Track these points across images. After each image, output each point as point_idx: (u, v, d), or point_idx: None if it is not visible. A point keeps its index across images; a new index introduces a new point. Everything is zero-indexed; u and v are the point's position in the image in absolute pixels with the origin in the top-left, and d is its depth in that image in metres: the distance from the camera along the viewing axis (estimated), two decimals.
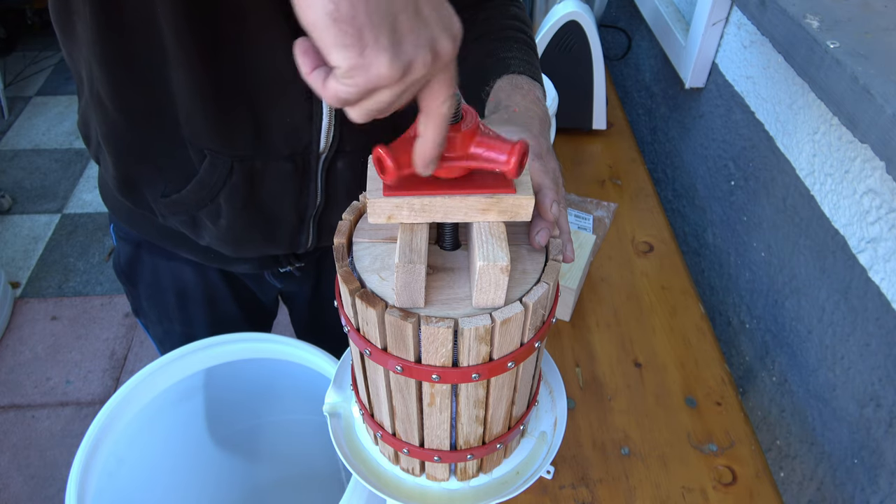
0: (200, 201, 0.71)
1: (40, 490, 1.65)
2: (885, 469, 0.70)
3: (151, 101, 0.64)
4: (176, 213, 0.73)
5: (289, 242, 0.79)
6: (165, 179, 0.71)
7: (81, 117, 0.73)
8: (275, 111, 0.64)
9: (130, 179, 0.72)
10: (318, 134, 0.67)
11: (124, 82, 0.63)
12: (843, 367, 0.76)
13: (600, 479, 0.77)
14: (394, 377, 0.44)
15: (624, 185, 1.20)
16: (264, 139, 0.66)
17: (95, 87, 0.64)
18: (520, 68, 0.64)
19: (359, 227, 0.46)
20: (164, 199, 0.72)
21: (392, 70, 0.33)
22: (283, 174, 0.70)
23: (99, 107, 0.66)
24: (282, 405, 0.98)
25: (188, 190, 0.70)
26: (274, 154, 0.68)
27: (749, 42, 0.97)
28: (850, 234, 0.74)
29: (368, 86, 0.34)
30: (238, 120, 0.64)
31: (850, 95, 0.63)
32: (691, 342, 0.93)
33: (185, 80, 0.60)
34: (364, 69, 0.33)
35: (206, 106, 0.62)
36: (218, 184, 0.69)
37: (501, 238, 0.41)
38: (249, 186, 0.70)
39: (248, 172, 0.68)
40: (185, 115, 0.64)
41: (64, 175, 2.62)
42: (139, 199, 0.74)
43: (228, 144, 0.66)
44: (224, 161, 0.67)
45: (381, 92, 0.35)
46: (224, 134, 0.65)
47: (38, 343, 2.00)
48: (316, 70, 0.35)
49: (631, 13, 1.54)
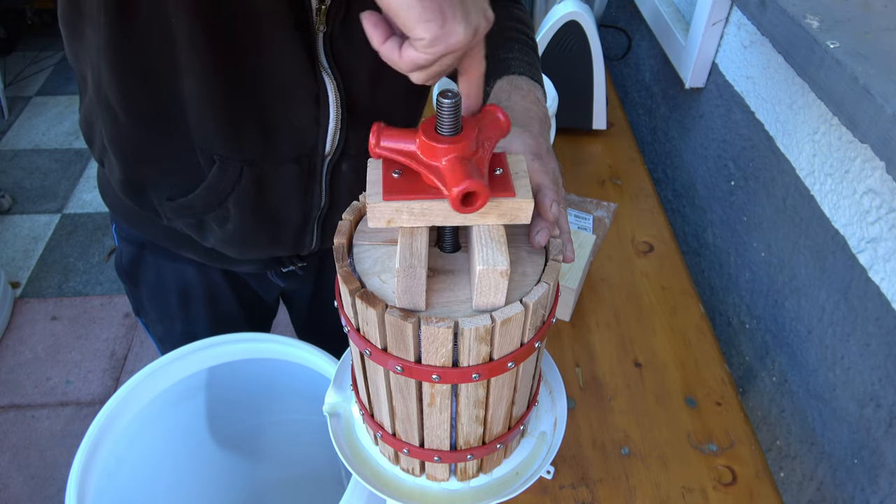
0: (209, 205, 0.71)
1: (40, 490, 1.65)
2: (885, 469, 0.70)
3: (161, 106, 0.64)
4: (182, 217, 0.73)
5: (293, 244, 0.79)
6: (172, 183, 0.71)
7: (84, 118, 0.73)
8: (283, 114, 0.64)
9: (136, 182, 0.72)
10: (325, 136, 0.67)
11: (134, 87, 0.63)
12: (843, 367, 0.76)
13: (600, 479, 0.77)
14: (394, 377, 0.44)
15: (624, 185, 1.20)
16: (272, 143, 0.66)
17: (103, 90, 0.64)
18: (520, 69, 0.64)
19: (359, 230, 0.46)
20: (170, 203, 0.72)
21: (467, 36, 0.39)
22: (290, 177, 0.70)
23: (106, 109, 0.66)
24: (282, 405, 0.98)
25: (196, 194, 0.70)
26: (281, 157, 0.68)
27: (749, 42, 0.97)
28: (850, 234, 0.74)
29: (447, 51, 0.39)
30: (248, 124, 0.64)
31: (850, 95, 0.63)
32: (691, 342, 0.93)
33: (198, 89, 0.60)
34: (445, 38, 0.38)
35: (218, 113, 0.62)
36: (227, 188, 0.69)
37: (501, 242, 0.41)
38: (258, 190, 0.70)
39: (257, 176, 0.68)
40: (196, 122, 0.64)
41: (64, 175, 2.62)
42: (144, 201, 0.74)
43: (238, 149, 0.66)
44: (234, 166, 0.67)
45: (449, 56, 0.40)
46: (235, 139, 0.65)
47: (38, 343, 2.00)
48: (389, 40, 0.40)
49: (631, 13, 1.54)
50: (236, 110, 0.63)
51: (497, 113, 0.44)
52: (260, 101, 0.63)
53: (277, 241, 0.78)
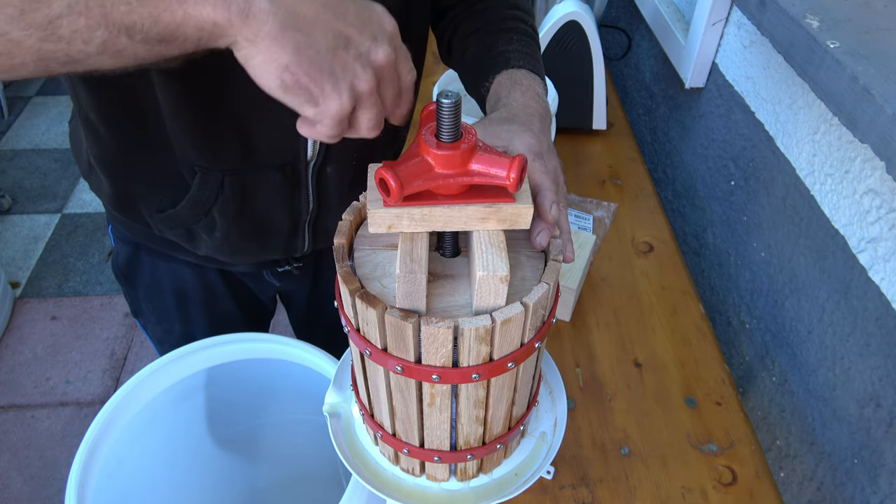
0: (195, 216, 0.71)
1: (40, 490, 1.65)
2: (885, 469, 0.70)
3: (139, 119, 0.64)
4: (172, 227, 0.74)
5: (285, 248, 0.79)
6: (160, 195, 0.71)
7: (72, 137, 0.73)
8: (261, 125, 0.64)
9: (126, 196, 0.73)
10: (305, 143, 0.67)
11: (110, 102, 0.63)
12: (843, 367, 0.76)
13: (600, 479, 0.77)
14: (394, 377, 0.44)
15: (624, 185, 1.20)
16: (252, 152, 0.66)
17: (84, 110, 0.65)
18: (520, 62, 0.63)
19: (359, 235, 0.47)
20: (159, 215, 0.72)
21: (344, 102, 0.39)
22: (274, 184, 0.70)
23: (89, 129, 0.66)
24: (282, 405, 0.98)
25: (182, 205, 0.70)
26: (263, 166, 0.68)
27: (749, 42, 0.97)
28: (850, 234, 0.74)
29: (338, 120, 0.40)
30: (225, 135, 0.64)
31: (850, 95, 0.63)
32: (691, 342, 0.93)
33: (169, 100, 0.60)
34: (325, 113, 0.39)
35: (193, 124, 0.62)
36: (210, 198, 0.69)
37: (501, 247, 0.41)
38: (241, 199, 0.70)
39: (239, 185, 0.68)
40: (173, 134, 0.64)
41: (64, 175, 2.62)
42: (135, 214, 0.75)
43: (216, 159, 0.66)
44: (215, 176, 0.67)
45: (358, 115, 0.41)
46: (211, 149, 0.65)
47: (38, 343, 2.00)
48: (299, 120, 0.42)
49: (631, 13, 1.54)
50: (210, 121, 0.63)
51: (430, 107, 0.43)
52: (235, 111, 0.63)
53: (268, 247, 0.78)
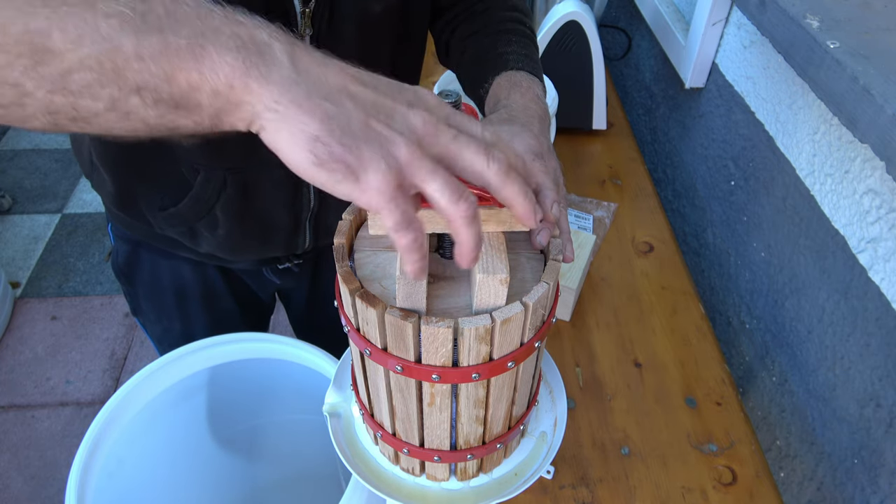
0: (197, 214, 0.71)
1: (40, 490, 1.65)
2: (885, 469, 0.70)
3: None
4: (174, 226, 0.74)
5: (286, 245, 0.79)
6: (162, 194, 0.71)
7: (73, 135, 0.73)
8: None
9: (128, 195, 0.73)
10: None
11: None
12: (843, 367, 0.76)
13: (600, 479, 0.77)
14: (394, 377, 0.44)
15: (624, 185, 1.20)
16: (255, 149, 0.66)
17: None
18: (518, 64, 0.64)
19: (360, 236, 0.47)
20: (161, 213, 0.72)
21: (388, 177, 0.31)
22: (276, 181, 0.70)
23: None
24: (282, 405, 0.98)
25: (184, 203, 0.70)
26: (265, 163, 0.68)
27: (749, 42, 0.97)
28: (850, 234, 0.74)
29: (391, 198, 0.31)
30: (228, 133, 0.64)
31: (850, 95, 0.63)
32: (691, 342, 0.93)
33: None
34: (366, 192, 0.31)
35: None
36: (213, 197, 0.69)
37: (501, 249, 0.41)
38: (244, 196, 0.70)
39: (242, 183, 0.69)
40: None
41: (64, 175, 2.62)
42: (137, 212, 0.75)
43: (219, 158, 0.66)
44: (217, 174, 0.67)
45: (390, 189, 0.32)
46: (213, 148, 0.65)
47: (38, 343, 2.00)
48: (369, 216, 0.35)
49: (631, 13, 1.54)
50: None
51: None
52: None
53: (269, 244, 0.78)
